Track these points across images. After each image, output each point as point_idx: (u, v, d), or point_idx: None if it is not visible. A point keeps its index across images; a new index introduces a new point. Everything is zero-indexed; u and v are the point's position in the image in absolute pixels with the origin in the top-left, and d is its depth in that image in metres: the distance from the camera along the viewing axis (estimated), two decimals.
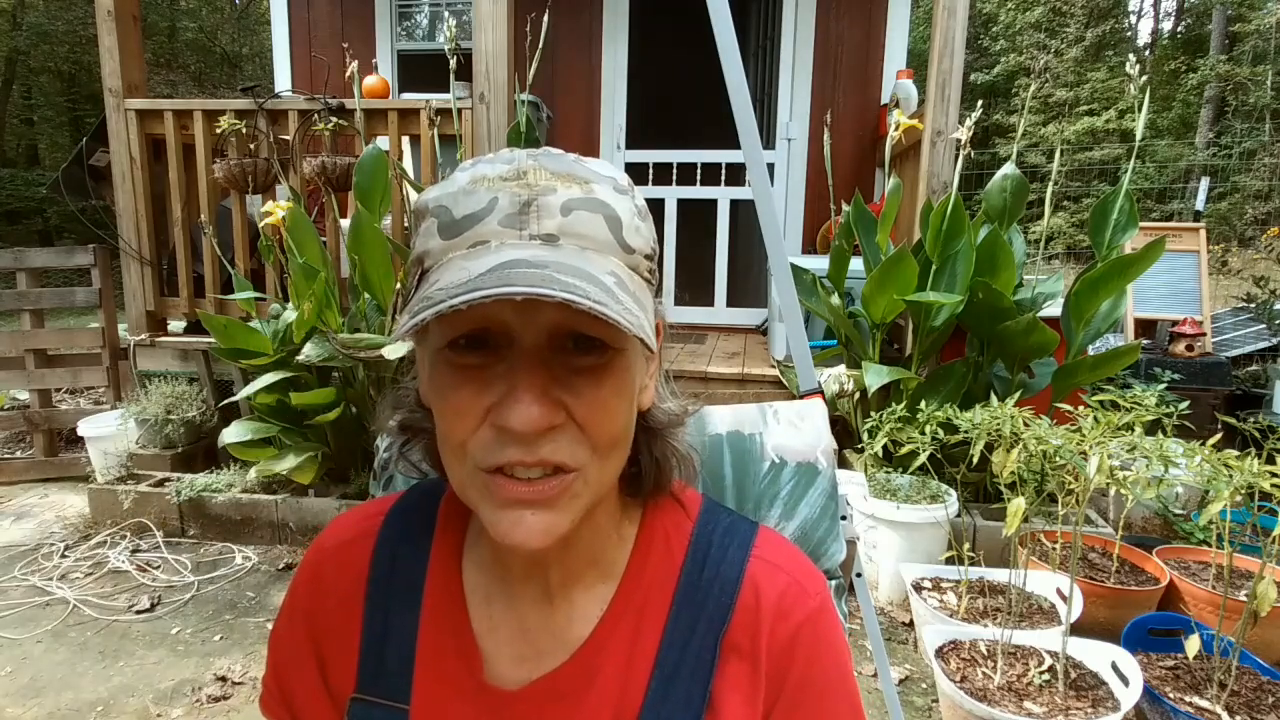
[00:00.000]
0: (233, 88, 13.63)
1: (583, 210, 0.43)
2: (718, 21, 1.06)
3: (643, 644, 0.51)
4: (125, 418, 2.92)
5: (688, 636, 0.51)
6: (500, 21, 2.72)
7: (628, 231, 0.45)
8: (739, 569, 0.52)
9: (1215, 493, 1.45)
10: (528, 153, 0.45)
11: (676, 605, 0.51)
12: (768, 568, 0.53)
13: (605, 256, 0.43)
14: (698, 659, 0.50)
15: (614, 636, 0.51)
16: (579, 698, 0.50)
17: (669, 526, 0.54)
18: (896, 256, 2.37)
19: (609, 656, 0.51)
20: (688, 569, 0.53)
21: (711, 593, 0.51)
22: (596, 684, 0.50)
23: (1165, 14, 18.58)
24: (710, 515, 0.56)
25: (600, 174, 0.45)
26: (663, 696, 0.49)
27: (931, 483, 2.30)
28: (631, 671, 0.50)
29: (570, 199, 0.43)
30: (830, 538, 0.69)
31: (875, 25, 4.10)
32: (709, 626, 0.50)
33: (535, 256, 0.40)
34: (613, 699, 0.50)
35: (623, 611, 0.52)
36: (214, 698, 1.80)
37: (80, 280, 3.41)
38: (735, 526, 0.55)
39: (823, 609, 0.52)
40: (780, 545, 0.55)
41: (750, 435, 0.69)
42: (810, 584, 0.53)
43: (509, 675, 0.52)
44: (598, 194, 0.44)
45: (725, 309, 4.31)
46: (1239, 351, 3.92)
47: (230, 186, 3.01)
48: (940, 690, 1.69)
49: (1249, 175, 11.97)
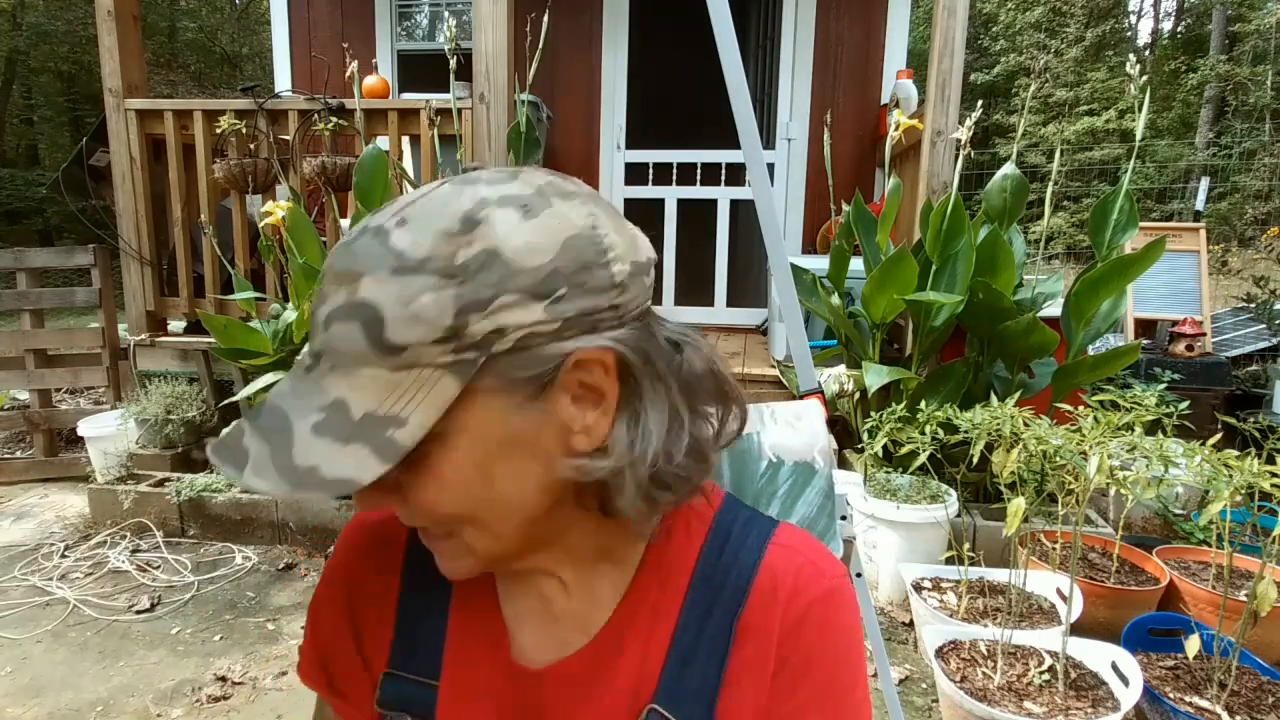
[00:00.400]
0: (233, 88, 13.64)
1: (340, 322, 0.41)
2: (718, 21, 1.06)
3: (660, 626, 0.52)
4: (125, 418, 2.93)
5: (704, 618, 0.51)
6: (500, 21, 2.72)
7: (395, 326, 0.39)
8: (757, 554, 0.52)
9: (1215, 493, 1.45)
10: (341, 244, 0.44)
11: (694, 588, 0.52)
12: (785, 551, 0.53)
13: (353, 373, 0.41)
14: (714, 640, 0.51)
15: (633, 619, 0.52)
16: (599, 678, 0.52)
17: (690, 513, 0.55)
18: (896, 256, 2.37)
19: (628, 639, 0.52)
20: (706, 553, 0.53)
21: (729, 576, 0.52)
22: (616, 665, 0.52)
23: (1165, 14, 18.59)
24: (733, 505, 0.57)
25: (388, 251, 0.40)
26: (679, 676, 0.51)
27: (931, 483, 2.30)
28: (649, 652, 0.52)
29: (333, 310, 0.41)
30: (828, 536, 0.69)
31: (875, 25, 4.10)
32: (725, 608, 0.51)
33: (282, 391, 0.43)
34: (632, 679, 0.51)
35: (642, 596, 0.53)
36: (214, 698, 1.80)
37: (80, 280, 3.42)
38: (756, 518, 0.56)
39: (838, 590, 0.52)
40: (801, 535, 0.56)
41: (748, 434, 0.69)
42: (827, 566, 0.53)
43: (533, 656, 0.54)
44: (362, 293, 0.40)
45: (725, 309, 4.32)
46: (1239, 351, 3.92)
47: (230, 186, 3.01)
48: (940, 690, 1.69)
49: (1249, 175, 11.97)
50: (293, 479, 0.39)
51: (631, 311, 0.45)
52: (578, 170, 4.80)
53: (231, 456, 0.41)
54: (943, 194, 2.56)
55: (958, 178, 2.46)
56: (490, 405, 0.42)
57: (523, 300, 0.40)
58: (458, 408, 0.41)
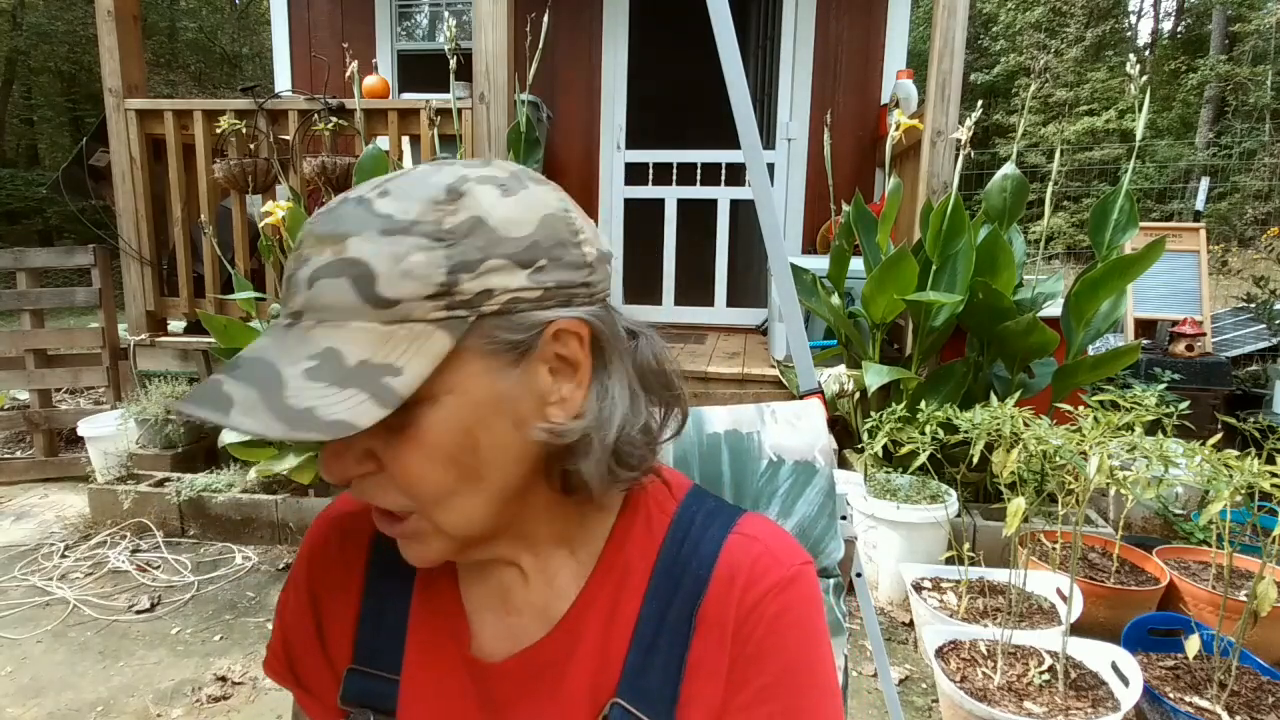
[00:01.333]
0: (233, 88, 13.64)
1: (327, 278, 0.41)
2: (718, 21, 1.06)
3: (621, 618, 0.52)
4: (125, 418, 2.93)
5: (664, 610, 0.51)
6: (500, 21, 2.72)
7: (386, 282, 0.40)
8: (717, 544, 0.52)
9: (1215, 493, 1.45)
10: (320, 211, 0.44)
11: (655, 580, 0.52)
12: (744, 540, 0.53)
13: (342, 326, 0.41)
14: (674, 631, 0.51)
15: (592, 610, 0.52)
16: (559, 670, 0.52)
17: (651, 506, 0.55)
18: (896, 256, 2.37)
19: (587, 630, 0.52)
20: (667, 546, 0.53)
21: (689, 568, 0.52)
22: (575, 656, 0.52)
23: (1165, 14, 18.59)
24: (696, 498, 0.56)
25: (374, 215, 0.41)
26: (640, 668, 0.50)
27: (931, 483, 2.30)
28: (610, 644, 0.51)
29: (318, 267, 0.41)
30: (828, 536, 0.69)
31: (875, 25, 4.10)
32: (685, 599, 0.51)
33: (262, 345, 0.42)
34: (591, 671, 0.51)
35: (600, 587, 0.53)
36: (214, 698, 1.80)
37: (80, 280, 3.41)
38: (721, 509, 0.56)
39: (796, 578, 0.51)
40: (765, 525, 0.55)
41: (748, 434, 0.69)
42: (786, 555, 0.52)
43: (493, 649, 0.54)
44: (351, 251, 0.41)
45: (725, 309, 4.31)
46: (1239, 351, 3.92)
47: (230, 186, 3.01)
48: (940, 690, 1.69)
49: (1249, 175, 11.98)
50: (287, 420, 0.38)
51: (599, 293, 0.48)
52: (578, 170, 4.80)
53: (211, 403, 0.39)
54: (943, 194, 2.56)
55: (958, 178, 2.46)
56: (477, 368, 0.43)
57: (509, 266, 0.43)
58: (447, 367, 0.42)
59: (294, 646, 0.59)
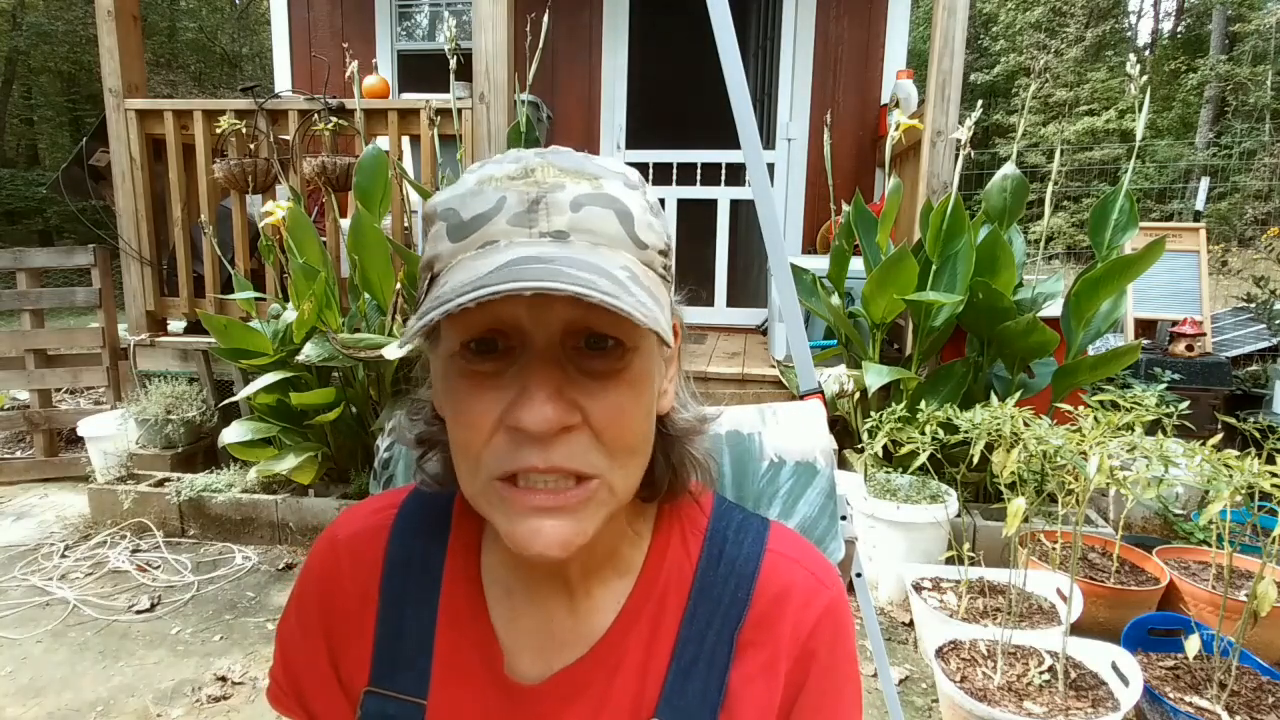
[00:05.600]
0: (233, 88, 13.64)
1: (593, 205, 0.42)
2: (718, 21, 1.06)
3: (660, 638, 0.51)
4: (125, 418, 2.93)
5: (704, 630, 0.51)
6: (500, 21, 2.72)
7: (640, 227, 0.43)
8: (755, 564, 0.53)
9: (1215, 493, 1.45)
10: (535, 151, 0.45)
11: (693, 600, 0.52)
12: (784, 561, 0.53)
13: (617, 252, 0.42)
14: (714, 652, 0.50)
15: (633, 630, 0.52)
16: (598, 691, 0.51)
17: (685, 522, 0.55)
18: (896, 256, 2.37)
19: (628, 650, 0.51)
20: (704, 564, 0.53)
21: (728, 587, 0.52)
22: (616, 677, 0.51)
23: (1165, 14, 18.60)
24: (724, 511, 0.57)
25: (610, 170, 0.45)
26: (680, 689, 0.50)
27: (931, 483, 2.30)
28: (650, 665, 0.51)
29: (580, 195, 0.42)
30: (829, 536, 0.69)
31: (875, 25, 4.10)
32: (725, 620, 0.51)
33: (545, 253, 0.39)
34: (631, 692, 0.51)
35: (641, 606, 0.52)
36: (214, 698, 1.80)
37: (80, 280, 3.42)
38: (748, 523, 0.56)
39: (840, 599, 0.53)
40: (794, 540, 0.56)
41: (749, 435, 0.69)
42: (826, 576, 0.54)
43: (529, 670, 0.52)
44: (607, 189, 0.43)
45: (725, 309, 4.32)
46: (1239, 351, 3.92)
47: (230, 186, 3.01)
48: (940, 690, 1.69)
49: (1249, 175, 11.97)
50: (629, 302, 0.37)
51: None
52: None
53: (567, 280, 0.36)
54: (943, 194, 2.56)
55: (958, 178, 2.46)
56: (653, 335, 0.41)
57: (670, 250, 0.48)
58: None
59: (302, 678, 0.57)
